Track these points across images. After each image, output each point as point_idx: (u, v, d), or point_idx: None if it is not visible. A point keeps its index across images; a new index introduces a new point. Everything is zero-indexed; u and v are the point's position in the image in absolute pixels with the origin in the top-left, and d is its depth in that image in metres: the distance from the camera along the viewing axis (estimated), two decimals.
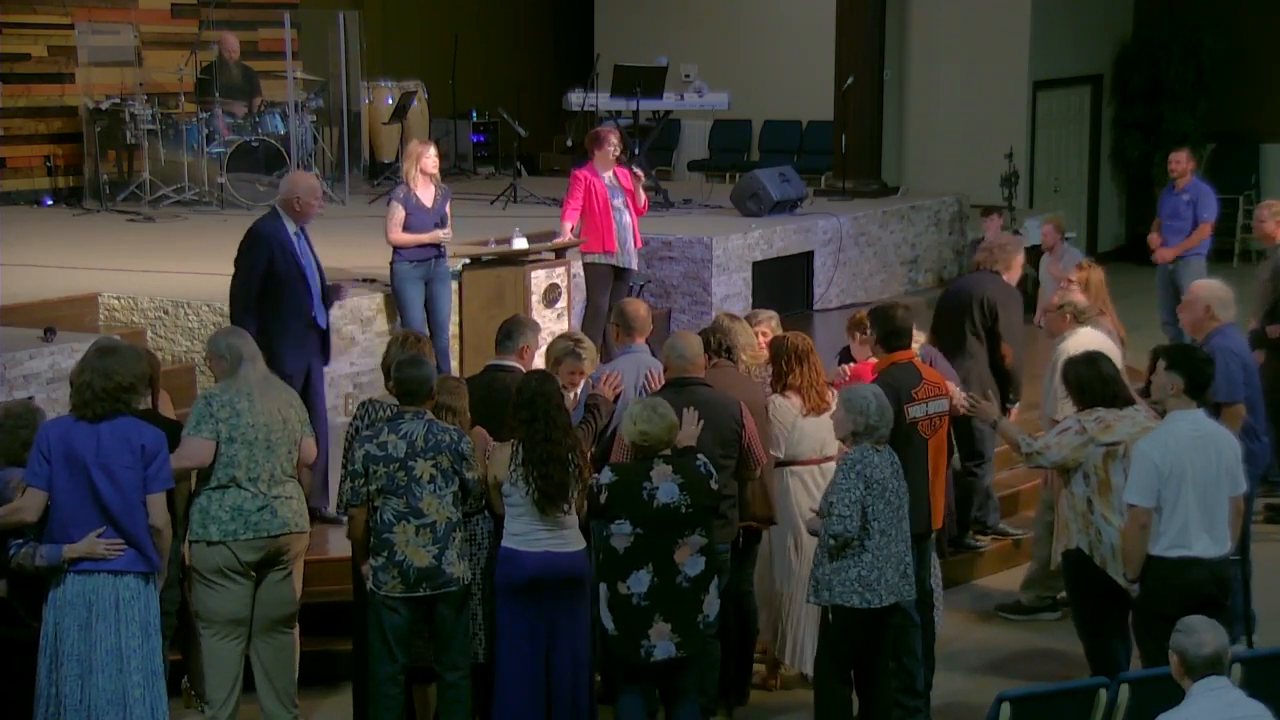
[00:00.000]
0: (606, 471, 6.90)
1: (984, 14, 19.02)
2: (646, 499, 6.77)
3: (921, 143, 19.38)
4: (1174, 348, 7.34)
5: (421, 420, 7.00)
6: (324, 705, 7.91)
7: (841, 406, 7.07)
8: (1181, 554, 6.91)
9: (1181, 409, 7.03)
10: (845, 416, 7.01)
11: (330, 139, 17.20)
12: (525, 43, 21.62)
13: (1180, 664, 5.61)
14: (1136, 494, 6.93)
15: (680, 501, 6.80)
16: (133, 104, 15.75)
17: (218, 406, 7.09)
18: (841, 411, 7.06)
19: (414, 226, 10.86)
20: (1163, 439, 6.98)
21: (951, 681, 8.37)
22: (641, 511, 6.75)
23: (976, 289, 9.61)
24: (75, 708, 6.52)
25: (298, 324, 9.01)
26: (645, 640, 6.84)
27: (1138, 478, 6.94)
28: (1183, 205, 13.44)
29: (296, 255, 9.01)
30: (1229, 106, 20.22)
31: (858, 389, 7.15)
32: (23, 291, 11.35)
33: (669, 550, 6.80)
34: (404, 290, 10.98)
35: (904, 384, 7.49)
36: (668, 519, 6.78)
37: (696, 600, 6.89)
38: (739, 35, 20.04)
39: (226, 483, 7.08)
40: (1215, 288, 8.85)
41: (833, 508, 6.88)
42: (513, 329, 7.94)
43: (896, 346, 7.64)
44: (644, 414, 6.84)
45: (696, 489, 6.84)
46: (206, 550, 7.10)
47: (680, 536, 6.83)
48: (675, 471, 6.82)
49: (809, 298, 15.10)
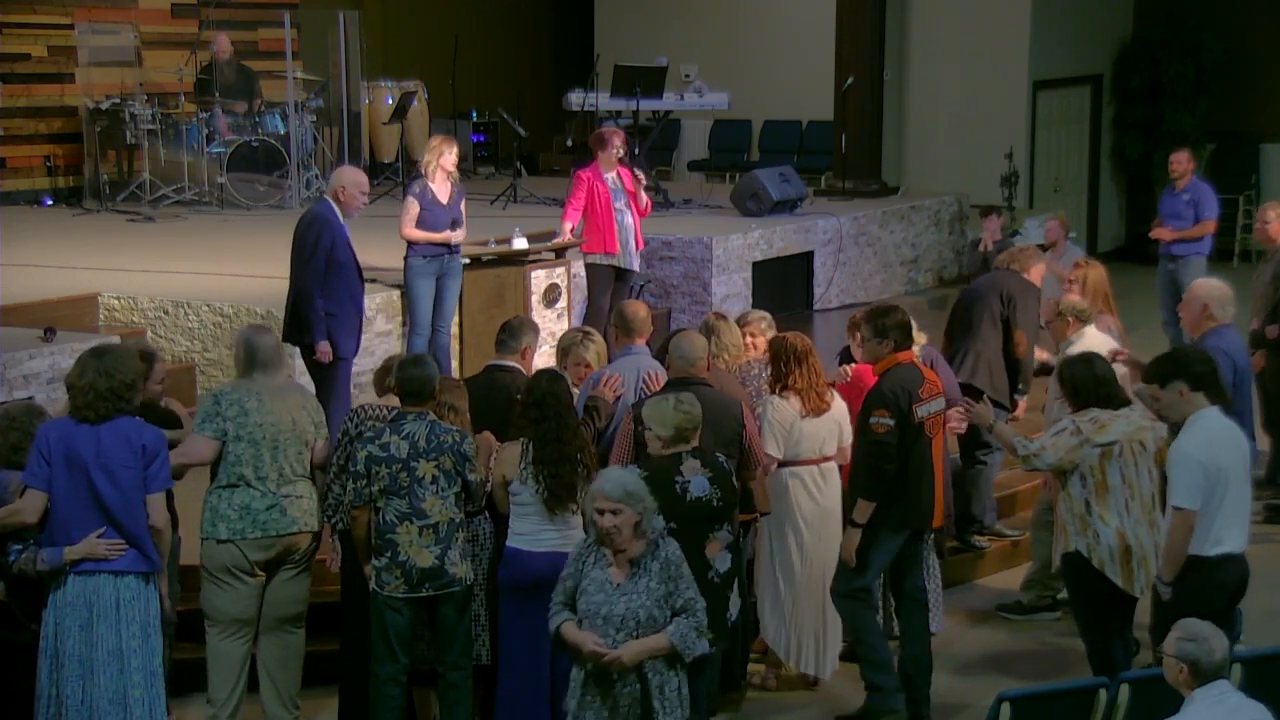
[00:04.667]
0: (634, 470, 6.79)
1: (984, 14, 19.02)
2: (680, 493, 6.72)
3: (921, 143, 19.39)
4: (1152, 367, 7.28)
5: (424, 421, 7.00)
6: (324, 705, 7.90)
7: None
8: (1221, 551, 6.88)
9: (1200, 409, 6.96)
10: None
11: (330, 139, 17.21)
12: (525, 43, 21.63)
13: (1189, 672, 5.57)
14: (1185, 497, 6.81)
15: (712, 495, 6.77)
16: (133, 104, 15.77)
17: (226, 405, 7.11)
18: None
19: (428, 222, 10.88)
20: (1203, 438, 6.88)
21: (951, 681, 8.37)
22: (675, 505, 6.66)
23: (998, 282, 9.76)
24: (77, 708, 6.51)
25: (351, 309, 9.36)
26: None
27: (1185, 480, 6.81)
28: (1183, 205, 13.45)
29: (347, 242, 9.23)
30: (1229, 106, 20.23)
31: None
32: (23, 291, 11.35)
33: (700, 545, 6.76)
34: (415, 285, 11.01)
35: (912, 385, 7.51)
36: (700, 513, 6.75)
37: (725, 596, 6.89)
38: (739, 35, 20.05)
39: (235, 481, 7.10)
40: (1214, 287, 8.86)
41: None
42: (514, 329, 7.96)
43: (905, 345, 7.66)
44: (673, 404, 6.81)
45: (724, 484, 6.85)
46: (216, 548, 7.12)
47: (711, 531, 6.81)
48: (704, 465, 6.81)
49: (809, 298, 15.11)
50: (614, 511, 5.96)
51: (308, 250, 9.29)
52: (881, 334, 7.66)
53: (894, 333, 7.63)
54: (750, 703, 8.09)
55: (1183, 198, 13.48)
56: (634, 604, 5.95)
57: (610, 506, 5.97)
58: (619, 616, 5.95)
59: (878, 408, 7.49)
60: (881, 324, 7.65)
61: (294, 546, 7.23)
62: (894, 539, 7.59)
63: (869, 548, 7.57)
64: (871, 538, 7.56)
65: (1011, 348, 9.60)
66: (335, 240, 9.29)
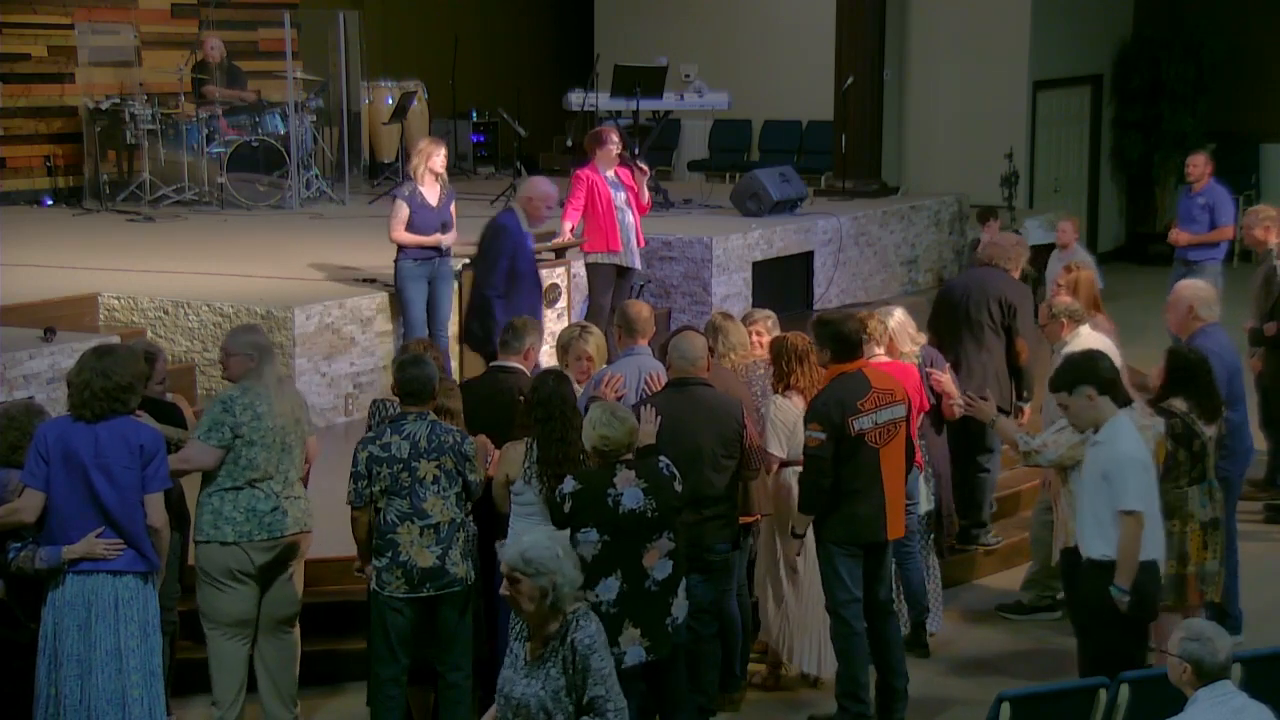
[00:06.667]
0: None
1: (984, 14, 19.02)
2: (612, 505, 6.62)
3: (921, 143, 19.39)
4: (1058, 374, 7.25)
5: (425, 421, 7.00)
6: (324, 705, 7.91)
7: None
8: (1153, 556, 6.91)
9: (1115, 413, 6.95)
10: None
11: (330, 139, 17.22)
12: (525, 43, 21.63)
13: (1193, 672, 5.55)
14: (1136, 499, 6.81)
15: (645, 506, 6.65)
16: (133, 104, 15.76)
17: (239, 410, 7.08)
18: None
19: (418, 225, 10.88)
20: (1135, 441, 6.88)
21: (952, 681, 8.38)
22: (608, 518, 6.60)
23: (992, 286, 9.66)
24: (75, 708, 6.52)
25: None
26: (615, 647, 6.64)
27: (1133, 482, 6.81)
28: (1197, 209, 13.20)
29: (530, 253, 9.25)
30: (1229, 106, 20.23)
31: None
32: (23, 291, 11.35)
33: (637, 555, 6.68)
34: (407, 289, 11.00)
35: (849, 396, 7.41)
36: (634, 524, 6.65)
37: (665, 604, 6.77)
38: (739, 35, 20.04)
39: (243, 484, 7.08)
40: (1198, 288, 8.94)
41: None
42: (517, 330, 7.96)
43: (845, 358, 7.56)
44: (604, 419, 6.66)
45: (661, 492, 6.71)
46: (219, 551, 7.10)
47: (648, 541, 6.70)
48: (639, 476, 6.68)
49: (809, 298, 15.09)
50: (513, 580, 5.24)
51: (490, 259, 9.35)
52: (820, 343, 7.62)
53: (830, 343, 7.55)
54: (750, 703, 8.09)
55: (1198, 201, 13.25)
56: (530, 690, 5.24)
57: (506, 572, 5.27)
58: (516, 700, 5.28)
59: (810, 421, 7.48)
60: (819, 333, 7.61)
61: (293, 547, 7.23)
62: (845, 552, 7.52)
63: (826, 563, 7.57)
64: (825, 553, 7.57)
65: (1014, 356, 9.58)
66: (517, 250, 9.31)
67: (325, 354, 11.06)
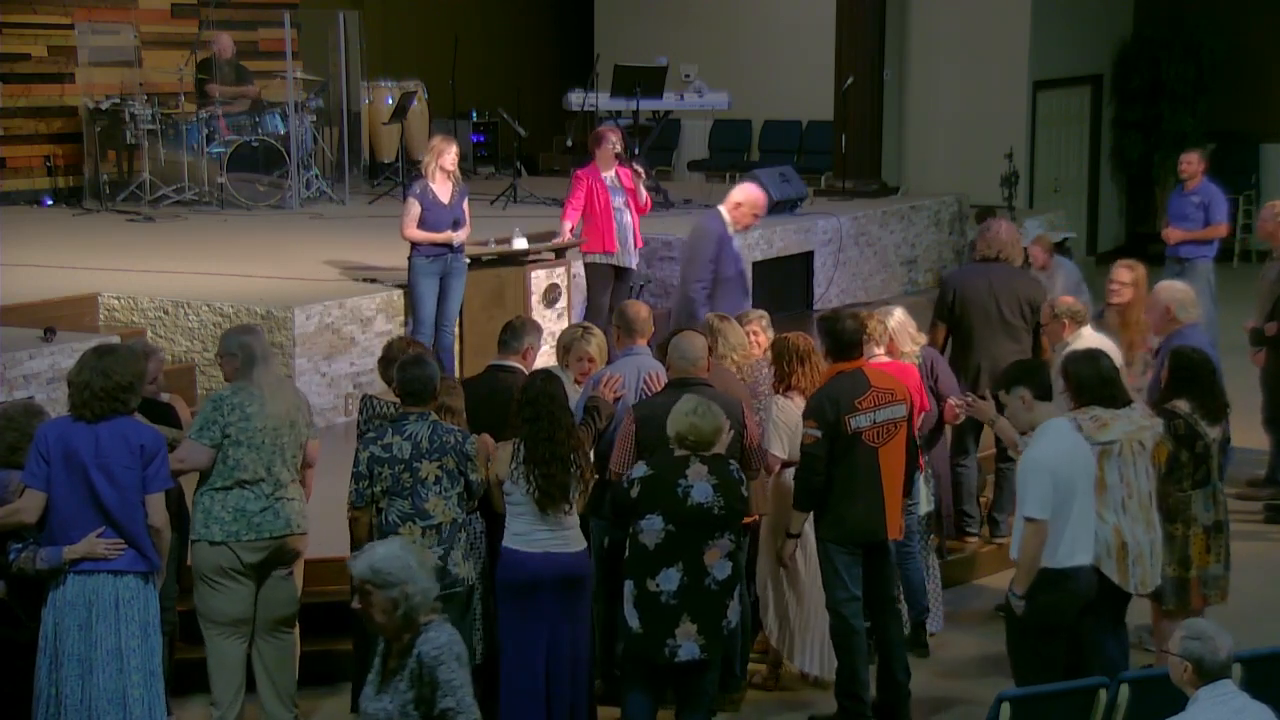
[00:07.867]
0: (640, 465, 6.80)
1: (984, 14, 19.02)
2: (680, 496, 6.68)
3: (921, 143, 19.38)
4: (1002, 373, 7.30)
5: (426, 421, 7.00)
6: (324, 705, 7.91)
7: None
8: (1074, 563, 6.87)
9: (1048, 418, 6.95)
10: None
11: (330, 139, 17.21)
12: (525, 43, 21.62)
13: (1194, 671, 5.55)
14: (1036, 507, 6.77)
15: (714, 502, 6.71)
16: (133, 104, 15.76)
17: (227, 410, 7.06)
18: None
19: (430, 222, 10.89)
20: (1053, 448, 6.83)
21: (952, 681, 8.37)
22: (675, 508, 6.66)
23: (1021, 288, 9.61)
24: (75, 707, 6.52)
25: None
26: (671, 640, 6.73)
27: (1036, 489, 6.76)
28: (1191, 207, 13.21)
29: (735, 256, 9.28)
30: (1229, 106, 20.23)
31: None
32: (23, 291, 11.35)
33: (699, 551, 6.72)
34: (419, 285, 11.01)
35: (845, 395, 7.43)
36: (700, 519, 6.70)
37: (722, 604, 6.82)
38: (739, 35, 20.04)
39: (231, 484, 7.07)
40: (1176, 289, 8.97)
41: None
42: (516, 330, 7.96)
43: (843, 357, 7.58)
44: (699, 408, 6.74)
45: (729, 492, 6.77)
46: (209, 550, 7.09)
47: (711, 538, 6.75)
48: (710, 472, 6.75)
49: (809, 298, 15.10)
50: (364, 592, 5.07)
51: (696, 261, 9.38)
52: (822, 341, 7.68)
53: (824, 340, 7.62)
54: (750, 703, 8.09)
55: (1192, 199, 13.26)
56: (378, 705, 5.06)
57: (357, 585, 5.10)
58: (370, 716, 5.10)
59: (806, 419, 7.51)
60: (821, 331, 7.68)
61: (286, 548, 7.22)
62: (843, 550, 7.54)
63: (825, 561, 7.59)
64: (824, 551, 7.59)
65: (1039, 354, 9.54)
66: (721, 252, 9.32)
67: (325, 354, 11.07)
